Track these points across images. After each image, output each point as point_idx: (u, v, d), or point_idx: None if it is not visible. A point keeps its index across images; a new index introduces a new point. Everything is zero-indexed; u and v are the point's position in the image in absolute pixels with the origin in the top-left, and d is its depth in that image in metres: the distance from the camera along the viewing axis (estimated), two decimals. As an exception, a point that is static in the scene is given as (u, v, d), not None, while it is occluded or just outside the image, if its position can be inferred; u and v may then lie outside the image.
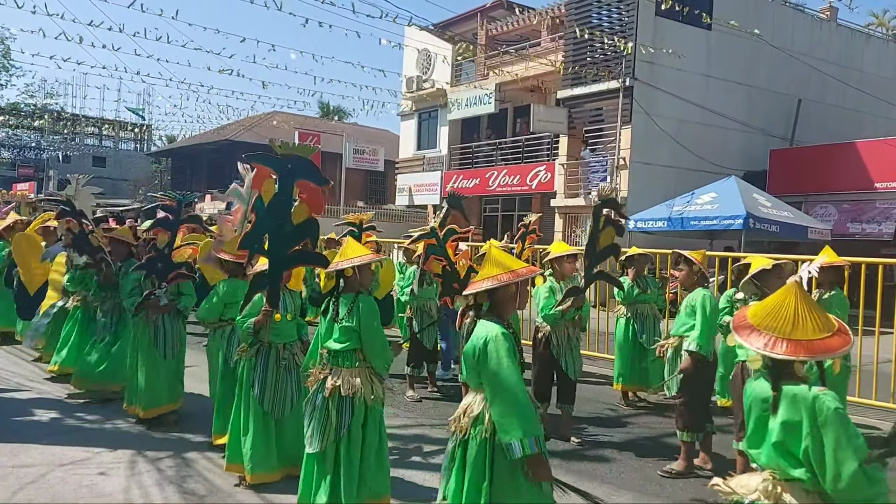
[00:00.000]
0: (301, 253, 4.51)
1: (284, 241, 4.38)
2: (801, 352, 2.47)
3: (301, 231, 4.39)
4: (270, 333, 4.68)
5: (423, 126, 26.01)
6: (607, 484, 5.07)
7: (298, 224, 4.37)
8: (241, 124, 32.10)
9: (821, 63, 19.90)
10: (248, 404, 4.73)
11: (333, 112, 46.75)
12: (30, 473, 4.89)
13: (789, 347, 2.49)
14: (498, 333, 3.07)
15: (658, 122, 17.28)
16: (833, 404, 2.43)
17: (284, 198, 4.32)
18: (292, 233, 4.37)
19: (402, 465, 5.26)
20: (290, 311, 4.80)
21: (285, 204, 4.32)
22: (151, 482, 4.80)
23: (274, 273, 4.45)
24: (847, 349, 2.51)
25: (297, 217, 4.37)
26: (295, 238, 4.40)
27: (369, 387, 3.97)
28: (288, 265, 4.53)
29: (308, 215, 4.38)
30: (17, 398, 7.01)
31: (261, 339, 4.69)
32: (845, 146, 16.85)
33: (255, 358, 4.73)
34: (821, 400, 2.44)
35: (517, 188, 21.28)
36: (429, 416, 6.85)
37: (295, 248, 4.43)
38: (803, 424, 2.43)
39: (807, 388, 2.50)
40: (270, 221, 4.34)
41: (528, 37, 22.97)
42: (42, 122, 40.01)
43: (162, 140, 48.09)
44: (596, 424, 6.68)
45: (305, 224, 4.39)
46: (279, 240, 4.37)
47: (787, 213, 14.30)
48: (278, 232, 4.36)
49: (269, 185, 4.30)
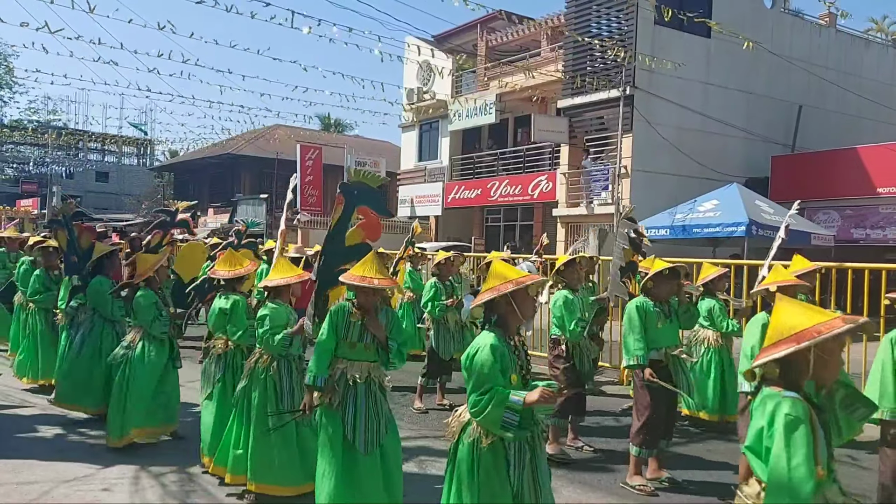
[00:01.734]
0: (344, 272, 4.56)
1: (334, 260, 4.47)
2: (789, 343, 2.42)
3: (351, 252, 4.47)
4: (294, 346, 4.76)
5: (424, 137, 26.09)
6: (612, 495, 5.05)
7: (350, 246, 4.48)
8: (242, 138, 32.20)
9: (821, 69, 19.92)
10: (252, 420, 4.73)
11: (334, 125, 46.90)
12: (33, 490, 4.88)
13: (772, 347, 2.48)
14: (487, 344, 3.13)
15: (659, 130, 17.30)
16: (787, 411, 2.36)
17: (344, 220, 4.47)
18: (344, 253, 4.48)
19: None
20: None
21: (343, 226, 4.47)
22: (155, 497, 4.80)
23: (320, 289, 4.50)
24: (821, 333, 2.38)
25: (351, 240, 4.49)
26: (344, 258, 4.47)
27: None
28: (333, 283, 4.53)
29: (362, 240, 4.50)
30: (21, 415, 7.01)
31: (291, 351, 4.75)
32: (847, 152, 16.85)
33: (279, 371, 4.74)
34: (779, 404, 2.40)
35: (519, 198, 21.29)
36: (432, 428, 6.82)
37: (343, 267, 4.44)
38: (764, 428, 2.42)
39: (780, 391, 2.44)
40: (328, 244, 4.50)
41: (527, 47, 23.05)
42: (45, 139, 40.18)
43: (164, 155, 48.24)
44: (600, 435, 6.65)
45: (357, 247, 4.48)
46: (330, 259, 4.47)
47: (790, 219, 14.27)
48: (331, 252, 4.48)
49: (338, 210, 4.50)
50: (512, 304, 3.20)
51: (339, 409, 3.99)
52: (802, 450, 2.31)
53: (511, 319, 3.25)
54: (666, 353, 5.16)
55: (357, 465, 3.96)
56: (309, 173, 26.90)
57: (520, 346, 3.29)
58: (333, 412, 4.01)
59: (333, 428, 4.00)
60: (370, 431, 3.98)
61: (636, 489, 5.07)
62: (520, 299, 3.21)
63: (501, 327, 3.25)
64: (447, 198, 23.88)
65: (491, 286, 3.25)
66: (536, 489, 3.13)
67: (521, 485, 3.09)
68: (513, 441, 3.09)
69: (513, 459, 3.09)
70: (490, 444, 3.12)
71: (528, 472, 3.12)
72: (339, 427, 3.99)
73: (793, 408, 2.38)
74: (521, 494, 3.08)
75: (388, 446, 4.08)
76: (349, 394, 4.01)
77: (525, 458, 3.13)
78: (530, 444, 3.16)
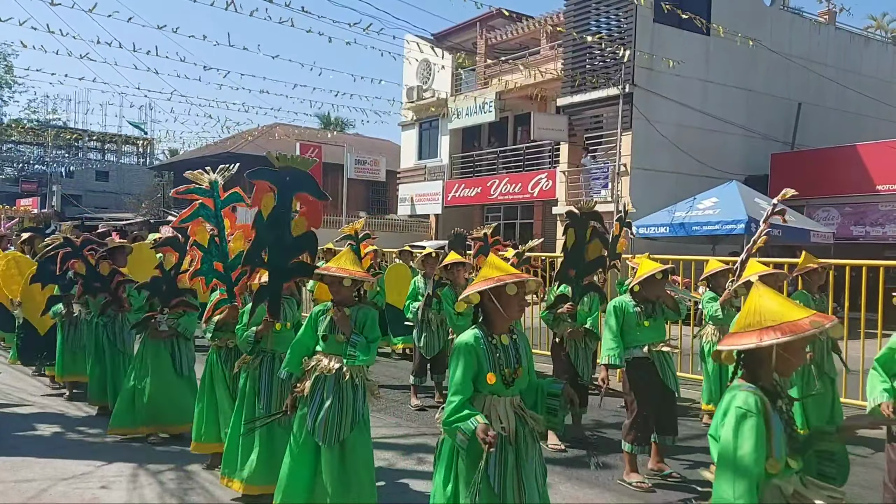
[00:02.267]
0: (301, 264, 4.54)
1: (284, 253, 4.42)
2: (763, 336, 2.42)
3: (300, 243, 4.43)
4: (272, 342, 4.70)
5: (424, 136, 26.10)
6: (609, 491, 5.05)
7: (297, 237, 4.41)
8: (242, 137, 32.21)
9: (820, 67, 19.91)
10: (254, 414, 4.70)
11: (334, 123, 46.89)
12: (31, 488, 4.89)
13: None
14: (462, 343, 3.13)
15: (658, 127, 17.30)
16: (738, 403, 2.42)
17: (284, 210, 4.35)
18: (292, 245, 4.41)
19: (400, 475, 5.26)
20: (290, 320, 4.81)
21: (285, 216, 4.36)
22: (153, 495, 4.80)
23: (274, 284, 4.48)
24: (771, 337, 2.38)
25: (296, 230, 4.40)
26: (294, 250, 4.44)
27: None
28: (288, 276, 4.55)
29: (307, 228, 4.41)
30: (19, 413, 7.02)
31: (262, 348, 4.70)
32: (846, 149, 16.84)
33: (259, 368, 4.72)
34: (734, 396, 2.46)
35: (518, 196, 21.30)
36: (429, 424, 6.82)
37: (294, 259, 4.46)
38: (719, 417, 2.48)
39: (742, 383, 2.50)
40: (270, 234, 4.37)
41: (527, 45, 23.06)
42: (45, 137, 40.24)
43: (164, 154, 48.27)
44: (598, 431, 6.65)
45: (304, 237, 4.42)
46: (279, 252, 4.41)
47: (789, 216, 14.28)
48: (278, 244, 4.39)
49: (269, 199, 4.34)
50: (493, 301, 3.12)
51: (308, 400, 4.04)
52: (750, 441, 2.37)
53: (496, 317, 3.17)
54: (649, 349, 5.17)
55: (315, 457, 4.00)
56: (309, 172, 26.90)
57: (509, 343, 3.18)
58: (304, 404, 4.06)
59: (300, 420, 4.05)
60: (330, 424, 3.95)
61: (633, 486, 5.07)
62: (502, 297, 3.11)
63: (487, 324, 3.20)
64: (447, 196, 23.89)
65: (476, 282, 3.22)
66: (521, 491, 3.04)
67: (502, 486, 3.01)
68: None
69: (493, 459, 3.01)
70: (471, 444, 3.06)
71: (512, 473, 3.05)
72: (303, 418, 4.04)
73: (745, 401, 2.43)
74: (503, 495, 3.01)
75: (353, 443, 4.01)
76: (318, 385, 4.04)
77: (507, 458, 3.05)
78: (513, 444, 3.09)
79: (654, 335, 5.21)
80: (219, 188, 5.17)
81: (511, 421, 3.11)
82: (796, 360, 2.48)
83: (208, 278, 5.07)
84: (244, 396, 4.79)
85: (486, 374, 3.08)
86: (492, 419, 3.05)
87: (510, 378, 3.12)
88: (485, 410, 3.07)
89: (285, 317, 4.77)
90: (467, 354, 3.09)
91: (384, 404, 7.49)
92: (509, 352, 3.16)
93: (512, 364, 3.14)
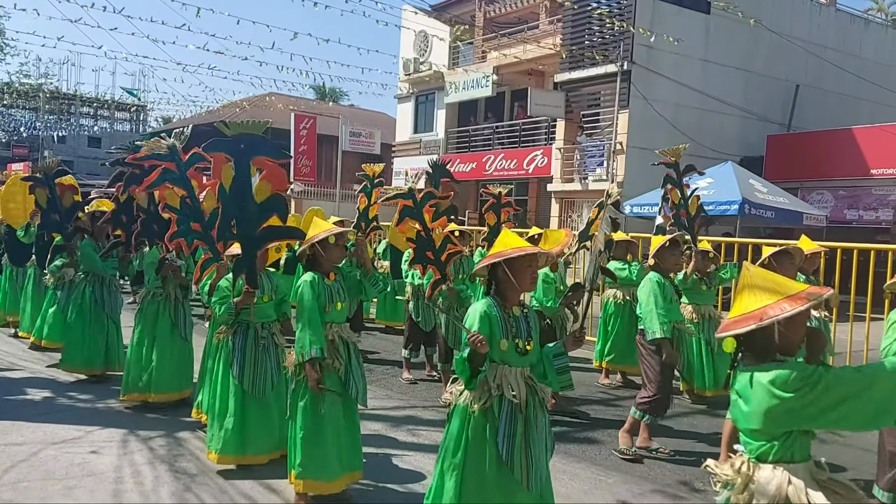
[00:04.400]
0: (271, 229, 4.46)
1: (251, 221, 4.36)
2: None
3: (266, 208, 4.36)
4: (255, 314, 4.68)
5: (420, 109, 25.90)
6: (596, 465, 5.11)
7: (263, 202, 4.34)
8: (236, 105, 31.92)
9: (819, 49, 19.81)
10: (228, 385, 4.70)
11: (329, 94, 46.48)
12: (21, 451, 4.90)
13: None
14: (476, 311, 3.21)
15: (655, 106, 17.22)
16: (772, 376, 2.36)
17: (243, 178, 4.29)
18: (257, 211, 4.35)
19: (391, 446, 5.30)
20: (268, 293, 4.79)
21: (245, 184, 4.30)
22: (143, 461, 4.82)
23: (248, 254, 4.43)
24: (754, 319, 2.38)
25: (260, 195, 4.34)
26: (261, 216, 4.37)
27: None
28: (259, 244, 4.49)
29: (272, 192, 4.35)
30: (9, 377, 7.02)
31: (241, 319, 4.69)
32: (842, 132, 16.82)
33: (233, 338, 4.70)
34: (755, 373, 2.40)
35: (514, 172, 21.22)
36: (421, 398, 6.87)
37: (263, 225, 4.42)
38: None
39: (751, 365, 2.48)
40: (234, 205, 4.33)
41: (526, 19, 22.81)
42: (37, 102, 39.78)
43: (157, 121, 47.81)
44: (584, 406, 6.71)
45: (270, 200, 4.35)
46: (245, 221, 4.36)
47: (782, 199, 14.31)
48: (243, 213, 4.34)
49: (227, 169, 4.28)
50: (507, 273, 3.22)
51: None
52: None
53: (508, 288, 3.26)
54: (673, 327, 5.23)
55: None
56: (303, 143, 26.67)
57: (520, 315, 3.27)
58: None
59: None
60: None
61: (654, 452, 5.26)
62: (514, 269, 3.21)
63: (499, 295, 3.28)
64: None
65: (490, 254, 3.30)
66: (528, 461, 3.11)
67: (510, 454, 3.09)
68: (497, 406, 3.14)
69: (502, 428, 3.11)
70: (481, 411, 3.16)
71: (520, 442, 3.12)
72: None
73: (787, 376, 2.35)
74: (510, 463, 3.09)
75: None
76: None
77: (516, 427, 3.13)
78: (523, 413, 3.16)
79: (678, 313, 5.33)
80: (178, 151, 5.14)
81: (522, 391, 3.19)
82: (797, 337, 2.45)
83: (188, 239, 5.08)
84: (221, 368, 4.79)
85: (499, 340, 3.16)
86: (503, 387, 3.16)
87: (523, 349, 3.21)
88: (496, 379, 3.17)
89: (264, 289, 4.74)
90: (482, 319, 3.16)
91: (375, 377, 7.53)
92: (520, 323, 3.25)
93: (523, 335, 3.23)
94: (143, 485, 4.43)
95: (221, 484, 4.49)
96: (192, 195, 5.11)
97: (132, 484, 4.43)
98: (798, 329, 2.44)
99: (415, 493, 4.36)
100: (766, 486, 2.36)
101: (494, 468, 3.11)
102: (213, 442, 4.66)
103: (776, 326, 2.38)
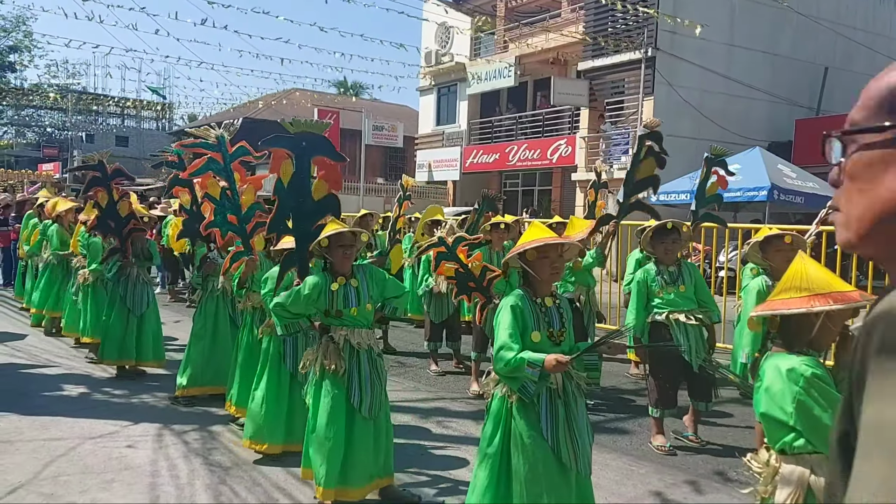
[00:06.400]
0: (323, 228, 4.53)
1: (307, 217, 4.43)
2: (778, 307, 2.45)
3: (322, 207, 4.43)
4: None
5: (442, 101, 25.87)
6: (627, 455, 5.09)
7: (319, 200, 4.42)
8: (260, 102, 32.15)
9: (848, 30, 19.41)
10: (277, 378, 4.84)
11: (352, 88, 46.60)
12: (60, 446, 5.01)
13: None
14: (507, 305, 3.23)
15: (681, 92, 17.01)
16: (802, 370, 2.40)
17: (303, 175, 4.36)
18: (314, 209, 4.43)
19: (420, 437, 5.33)
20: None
21: (305, 181, 4.37)
22: (178, 454, 4.90)
23: (302, 249, 4.49)
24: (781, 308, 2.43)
25: (316, 193, 4.41)
26: (317, 214, 4.44)
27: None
28: (313, 240, 4.55)
29: (327, 191, 4.42)
30: (46, 374, 7.17)
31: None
32: (873, 115, 16.44)
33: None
34: (781, 363, 2.45)
35: (537, 162, 21.13)
36: (449, 389, 6.88)
37: (318, 223, 4.47)
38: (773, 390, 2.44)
39: (780, 352, 2.51)
40: (291, 200, 4.39)
41: (547, 8, 22.65)
42: (65, 103, 40.39)
43: (183, 119, 48.36)
44: (616, 397, 6.68)
45: (325, 200, 4.43)
46: (302, 217, 4.42)
47: (812, 184, 14.08)
48: (300, 209, 4.41)
49: (287, 165, 4.34)
50: (525, 265, 3.30)
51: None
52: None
53: (533, 280, 3.31)
54: (668, 316, 5.16)
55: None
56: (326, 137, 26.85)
57: (552, 306, 3.29)
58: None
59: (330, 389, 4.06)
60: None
61: (656, 449, 5.13)
62: (531, 262, 3.27)
63: (529, 286, 3.32)
64: (465, 162, 23.76)
65: (512, 249, 3.38)
66: (573, 442, 3.14)
67: (556, 439, 3.12)
68: (537, 396, 3.15)
69: (544, 413, 3.14)
70: (520, 399, 3.18)
71: (564, 427, 3.14)
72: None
73: (812, 365, 2.41)
74: (556, 448, 3.11)
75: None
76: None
77: (557, 412, 3.16)
78: (563, 398, 3.19)
79: (676, 302, 5.19)
80: (226, 143, 5.19)
81: (559, 377, 3.21)
82: (832, 334, 2.49)
83: (223, 230, 5.14)
84: (268, 359, 4.89)
85: (531, 332, 3.19)
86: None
87: (558, 337, 3.24)
88: None
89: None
90: (512, 312, 3.19)
91: (403, 370, 7.57)
92: (552, 314, 3.28)
93: (556, 325, 3.26)
94: (179, 478, 4.50)
95: (255, 477, 4.55)
96: (233, 187, 5.17)
97: (168, 477, 4.51)
98: (836, 326, 2.48)
99: (448, 480, 4.38)
100: (789, 477, 2.41)
101: (542, 455, 3.11)
102: (267, 434, 4.77)
103: (819, 318, 2.41)
